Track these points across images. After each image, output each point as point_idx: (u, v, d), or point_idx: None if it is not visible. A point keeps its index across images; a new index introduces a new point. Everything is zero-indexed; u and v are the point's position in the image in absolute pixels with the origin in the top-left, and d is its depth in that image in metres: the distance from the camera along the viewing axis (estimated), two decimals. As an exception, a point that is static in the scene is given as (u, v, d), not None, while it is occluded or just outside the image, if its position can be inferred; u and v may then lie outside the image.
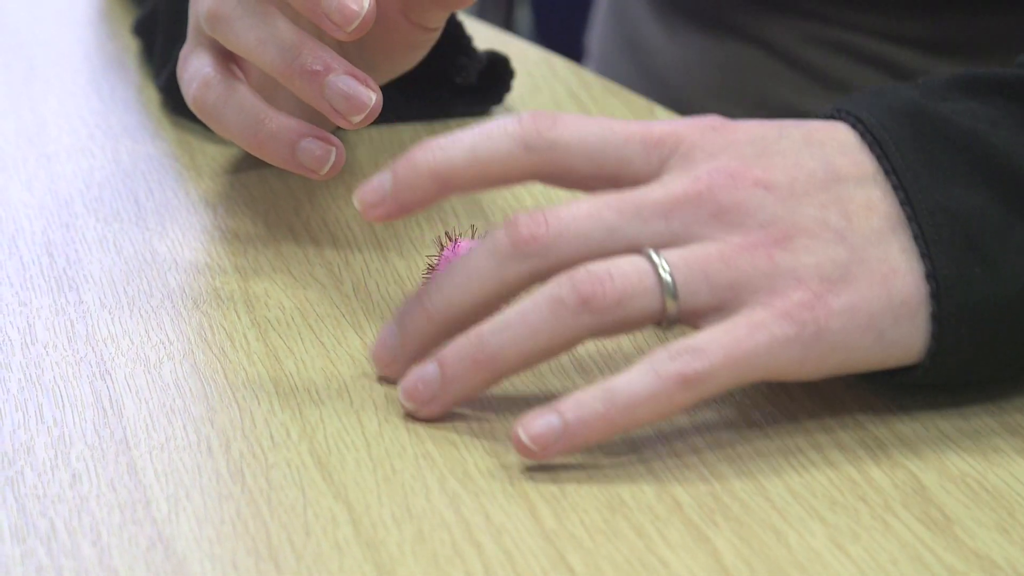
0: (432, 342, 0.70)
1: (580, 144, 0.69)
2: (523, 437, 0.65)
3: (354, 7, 0.73)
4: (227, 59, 0.79)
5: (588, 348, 0.75)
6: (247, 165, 0.89)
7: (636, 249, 0.67)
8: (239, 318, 0.76)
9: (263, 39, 0.76)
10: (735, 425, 0.70)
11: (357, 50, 0.82)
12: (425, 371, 0.68)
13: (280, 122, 0.77)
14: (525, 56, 1.03)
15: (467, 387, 0.68)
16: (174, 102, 0.93)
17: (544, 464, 0.67)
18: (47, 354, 0.73)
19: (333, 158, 0.77)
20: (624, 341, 0.75)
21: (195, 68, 0.79)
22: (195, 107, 0.79)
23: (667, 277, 0.66)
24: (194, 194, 0.87)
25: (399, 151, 0.85)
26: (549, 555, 0.62)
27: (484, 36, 0.97)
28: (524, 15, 2.06)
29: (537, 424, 0.65)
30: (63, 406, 0.70)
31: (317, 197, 0.86)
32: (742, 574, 0.61)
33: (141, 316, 0.76)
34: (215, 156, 0.90)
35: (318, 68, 0.75)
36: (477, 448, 0.68)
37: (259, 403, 0.70)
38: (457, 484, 0.66)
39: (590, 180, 0.70)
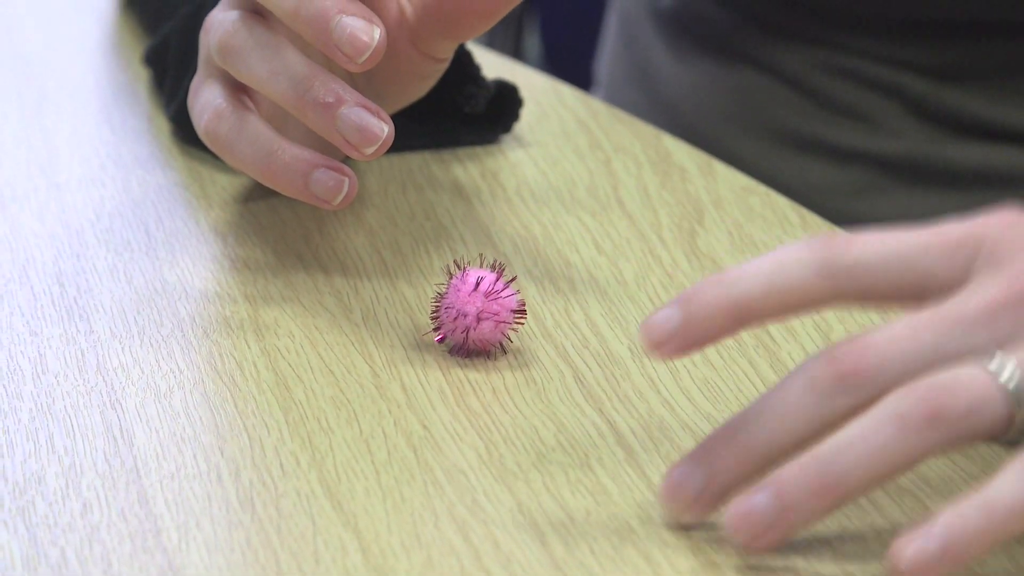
0: (745, 479, 0.65)
1: (880, 264, 0.65)
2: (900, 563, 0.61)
3: (364, 38, 0.74)
4: (238, 90, 0.79)
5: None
6: (257, 194, 0.89)
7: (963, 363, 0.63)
8: (248, 347, 0.76)
9: (275, 71, 0.76)
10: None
11: (366, 80, 0.82)
12: (756, 501, 0.63)
13: (293, 153, 0.77)
14: (532, 84, 1.03)
15: (808, 514, 0.63)
16: (184, 132, 0.92)
17: (553, 493, 0.67)
18: (58, 384, 0.73)
19: (346, 188, 0.77)
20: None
21: (206, 99, 0.79)
22: (207, 138, 0.79)
23: (1011, 384, 0.62)
24: (204, 223, 0.87)
25: (408, 180, 0.85)
26: (558, 583, 0.62)
27: (492, 64, 0.97)
28: (533, 43, 2.06)
29: (910, 548, 0.60)
30: (74, 435, 0.70)
31: (327, 226, 0.87)
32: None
33: (151, 345, 0.76)
34: (225, 185, 0.90)
35: (330, 100, 0.75)
36: (486, 476, 0.68)
37: (268, 432, 0.70)
38: (466, 512, 0.66)
39: (893, 297, 0.66)
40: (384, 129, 0.75)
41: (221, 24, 0.78)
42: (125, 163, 0.94)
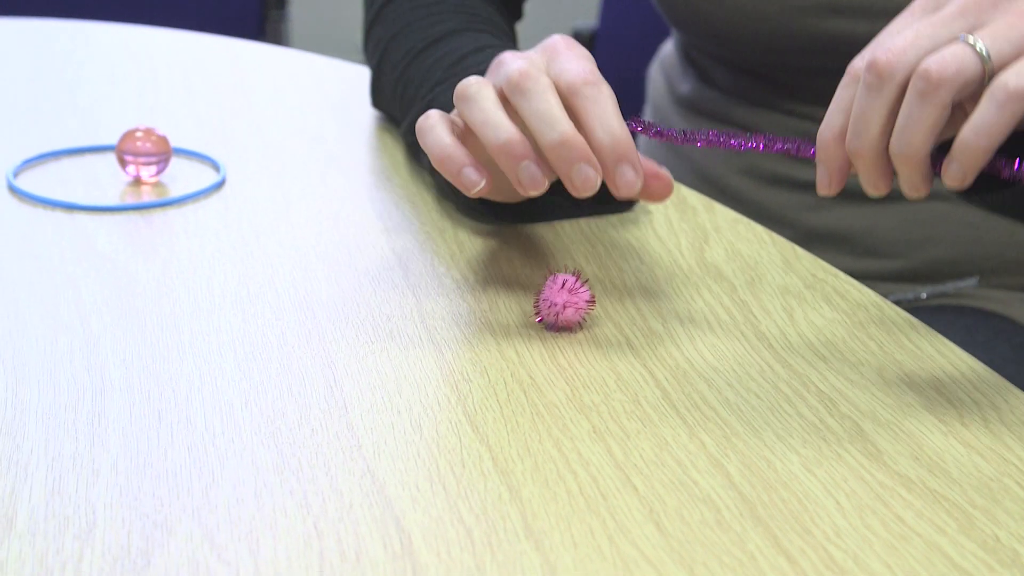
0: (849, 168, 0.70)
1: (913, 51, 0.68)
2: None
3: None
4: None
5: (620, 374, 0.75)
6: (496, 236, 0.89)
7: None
8: (416, 328, 0.77)
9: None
10: (738, 393, 0.70)
11: None
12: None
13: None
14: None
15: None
16: (442, 181, 0.89)
17: (615, 419, 0.67)
18: (293, 351, 0.74)
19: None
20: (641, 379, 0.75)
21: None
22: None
23: (981, 48, 0.65)
24: (443, 265, 0.88)
25: (600, 251, 0.84)
26: (620, 477, 0.62)
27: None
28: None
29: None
30: (303, 384, 0.70)
31: (500, 250, 0.87)
32: (745, 488, 0.62)
33: (349, 329, 0.77)
34: (480, 251, 0.91)
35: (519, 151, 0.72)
36: (571, 409, 0.68)
37: (429, 380, 0.70)
38: (559, 432, 0.66)
39: None
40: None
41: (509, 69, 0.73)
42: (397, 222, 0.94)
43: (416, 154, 0.96)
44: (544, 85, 0.72)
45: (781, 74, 1.12)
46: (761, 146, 0.74)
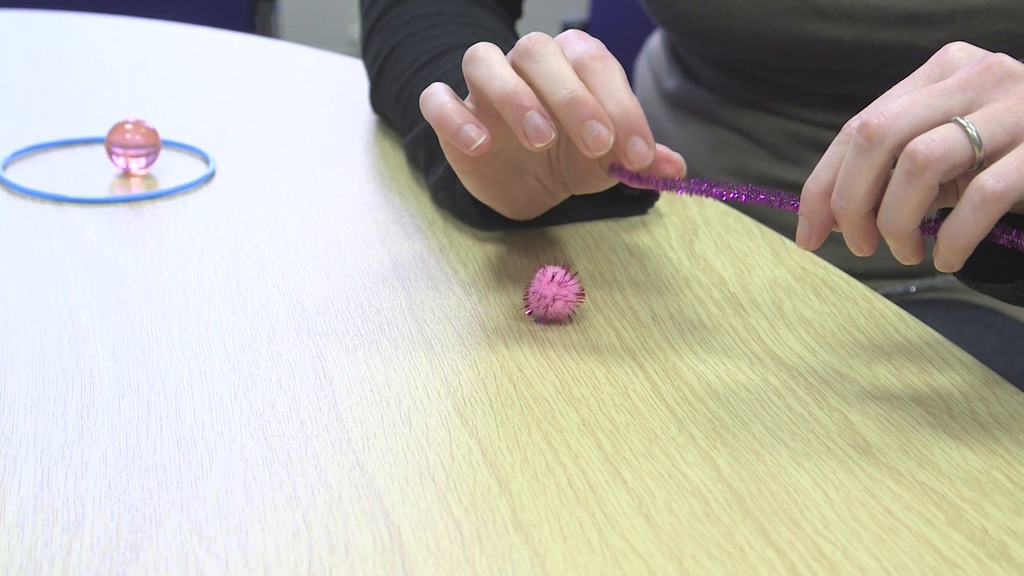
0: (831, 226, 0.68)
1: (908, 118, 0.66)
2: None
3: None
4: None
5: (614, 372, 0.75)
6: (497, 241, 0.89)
7: (948, 120, 0.64)
8: (405, 321, 0.77)
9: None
10: (727, 385, 0.70)
11: (574, 174, 0.81)
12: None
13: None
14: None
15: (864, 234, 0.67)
16: (440, 197, 0.89)
17: (604, 412, 0.67)
18: (283, 344, 0.74)
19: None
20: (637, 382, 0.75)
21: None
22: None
23: (973, 132, 0.63)
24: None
25: (591, 243, 0.85)
26: (609, 470, 0.62)
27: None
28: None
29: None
30: (293, 377, 0.70)
31: (495, 250, 0.87)
32: (734, 480, 0.62)
33: (338, 321, 0.77)
34: (470, 244, 0.90)
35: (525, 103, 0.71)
36: (560, 401, 0.68)
37: (418, 373, 0.70)
38: (548, 425, 0.66)
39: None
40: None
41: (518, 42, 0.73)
42: (391, 231, 0.93)
43: (417, 167, 0.96)
44: (553, 48, 0.72)
45: (766, 74, 1.11)
46: (744, 197, 0.73)
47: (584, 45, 0.73)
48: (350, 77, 1.16)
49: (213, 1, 1.93)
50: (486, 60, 0.72)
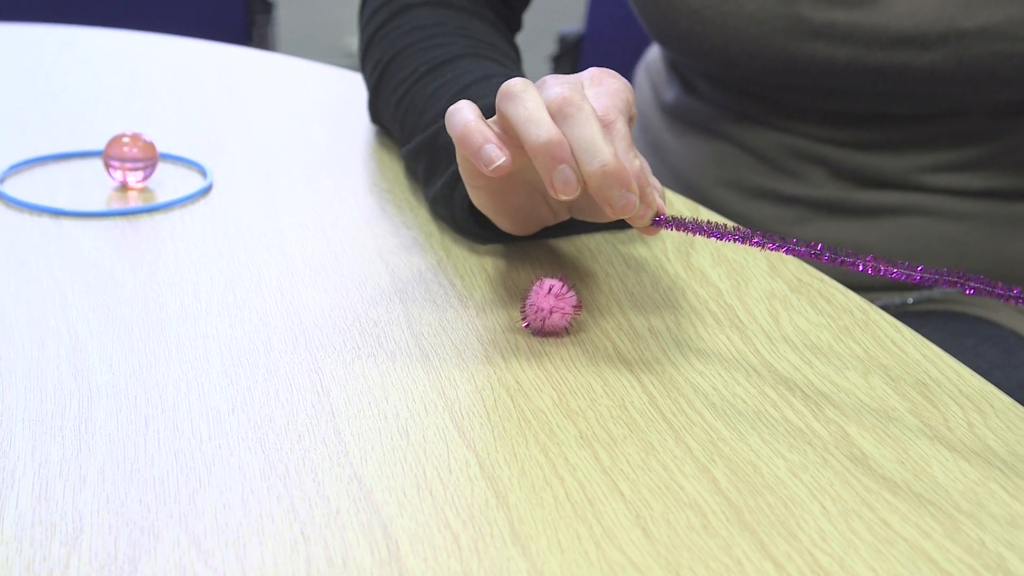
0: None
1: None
2: None
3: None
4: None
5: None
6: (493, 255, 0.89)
7: None
8: (403, 333, 0.77)
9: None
10: (724, 397, 0.71)
11: (584, 206, 0.82)
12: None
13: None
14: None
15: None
16: (439, 210, 0.89)
17: (601, 424, 0.67)
18: (280, 358, 0.74)
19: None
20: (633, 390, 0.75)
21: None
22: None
23: None
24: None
25: (587, 256, 0.85)
26: (607, 483, 0.62)
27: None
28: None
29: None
30: (291, 389, 0.70)
31: (492, 263, 0.87)
32: (732, 493, 0.62)
33: (335, 334, 0.77)
34: (467, 256, 0.90)
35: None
36: (558, 414, 0.68)
37: (416, 385, 0.70)
38: (545, 437, 0.66)
39: None
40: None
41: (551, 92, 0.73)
42: (390, 245, 0.93)
43: (415, 179, 0.96)
44: (588, 112, 0.71)
45: (763, 90, 1.12)
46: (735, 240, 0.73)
47: (604, 110, 0.74)
48: (347, 89, 1.16)
49: (210, 13, 1.93)
50: (524, 100, 0.72)
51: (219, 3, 1.93)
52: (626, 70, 1.37)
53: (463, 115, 0.73)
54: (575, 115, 0.71)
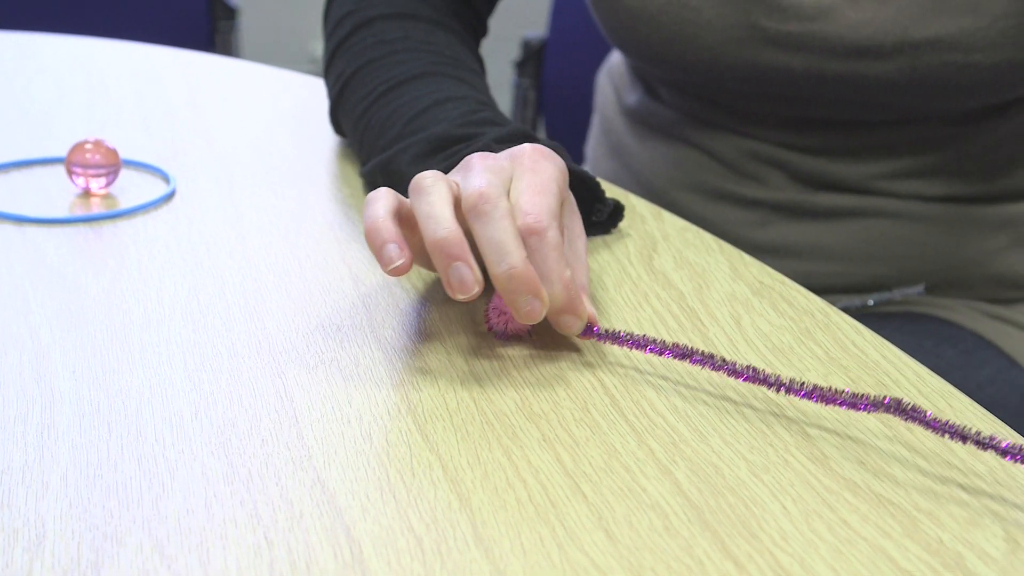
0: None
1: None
2: None
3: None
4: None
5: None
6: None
7: None
8: (366, 338, 0.77)
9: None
10: (686, 399, 0.71)
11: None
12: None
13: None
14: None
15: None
16: None
17: (564, 427, 0.67)
18: (243, 363, 0.74)
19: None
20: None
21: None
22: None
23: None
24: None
25: None
26: (569, 485, 0.63)
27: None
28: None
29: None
30: (254, 395, 0.70)
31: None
32: (693, 494, 0.62)
33: (300, 341, 0.77)
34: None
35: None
36: (520, 417, 0.68)
37: (379, 390, 0.70)
38: (509, 441, 0.66)
39: None
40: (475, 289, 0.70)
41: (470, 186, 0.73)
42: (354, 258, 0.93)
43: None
44: (502, 211, 0.71)
45: (723, 96, 1.12)
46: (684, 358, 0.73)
47: (530, 207, 0.73)
48: (310, 95, 1.16)
49: (172, 19, 1.93)
50: (429, 195, 0.71)
51: (182, 9, 1.93)
52: (588, 74, 1.38)
53: (373, 209, 0.71)
54: (490, 213, 0.70)
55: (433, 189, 0.71)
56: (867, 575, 0.57)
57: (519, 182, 0.74)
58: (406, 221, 0.73)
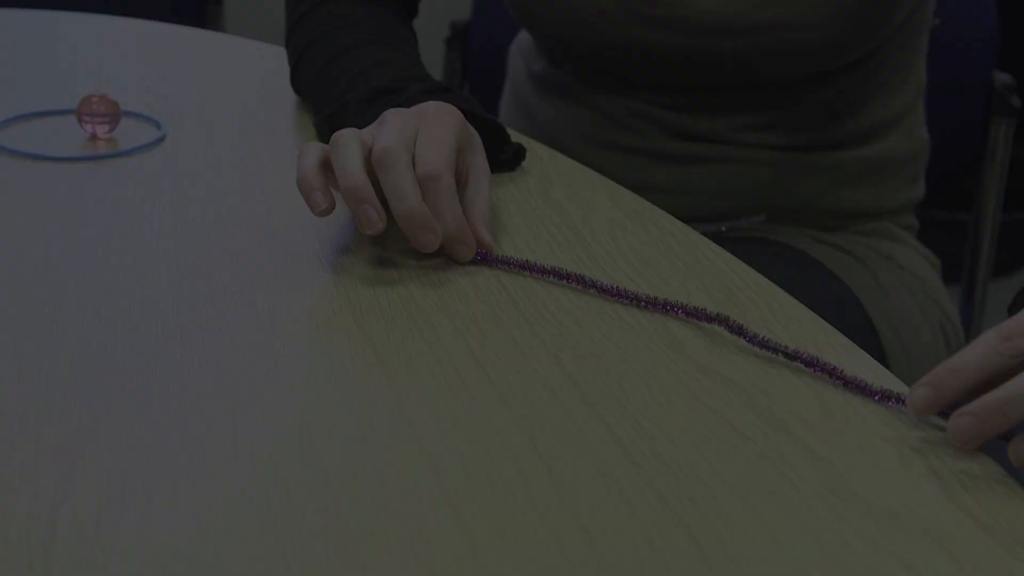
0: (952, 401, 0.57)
1: None
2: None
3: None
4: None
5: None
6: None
7: None
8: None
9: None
10: (570, 298, 0.70)
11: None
12: (965, 422, 0.55)
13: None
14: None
15: (992, 431, 0.55)
16: None
17: (471, 325, 0.66)
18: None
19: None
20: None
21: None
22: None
23: None
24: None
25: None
26: (476, 367, 0.61)
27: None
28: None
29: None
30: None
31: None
32: (575, 373, 0.61)
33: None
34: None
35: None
36: (440, 315, 0.67)
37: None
38: (429, 332, 0.65)
39: None
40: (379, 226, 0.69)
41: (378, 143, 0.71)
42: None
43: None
44: (402, 164, 0.70)
45: (607, 65, 1.11)
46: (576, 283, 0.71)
47: (429, 158, 0.71)
48: (281, 65, 1.14)
49: (169, 2, 1.89)
50: (341, 149, 0.70)
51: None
52: (503, 49, 1.36)
53: (303, 162, 0.71)
54: (391, 165, 0.69)
55: (347, 146, 0.71)
56: (713, 438, 0.57)
57: (422, 135, 0.72)
58: (332, 169, 0.72)
